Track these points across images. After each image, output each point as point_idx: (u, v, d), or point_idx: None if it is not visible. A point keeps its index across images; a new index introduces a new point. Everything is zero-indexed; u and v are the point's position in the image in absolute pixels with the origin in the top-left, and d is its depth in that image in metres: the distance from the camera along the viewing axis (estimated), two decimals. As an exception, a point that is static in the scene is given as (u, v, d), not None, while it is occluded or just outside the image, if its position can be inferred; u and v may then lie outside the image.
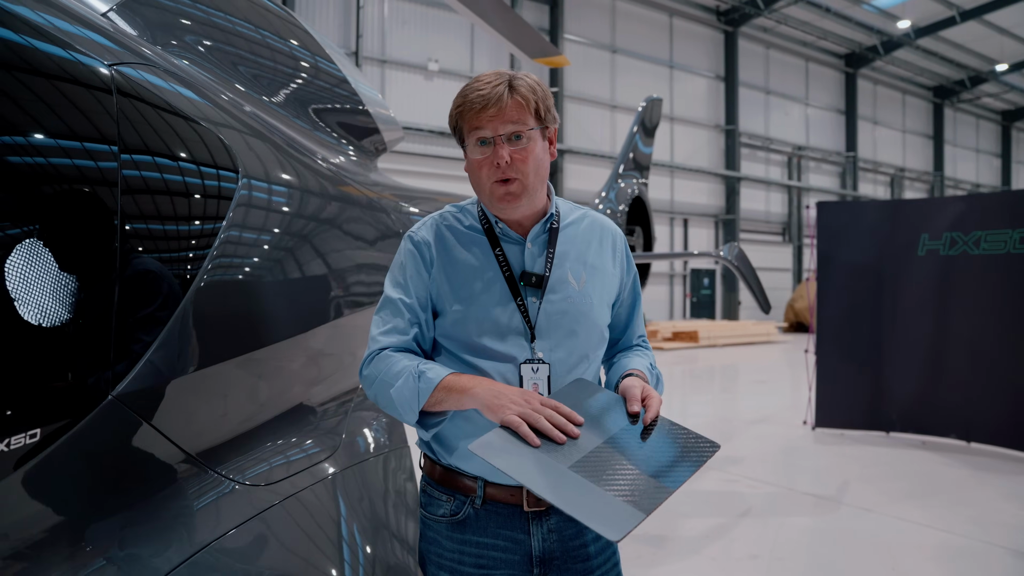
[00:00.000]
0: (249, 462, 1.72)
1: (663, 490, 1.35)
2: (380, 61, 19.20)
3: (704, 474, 6.08)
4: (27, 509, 1.23)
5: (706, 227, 25.93)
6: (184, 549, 1.43)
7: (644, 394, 1.51)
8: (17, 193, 1.24)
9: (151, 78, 1.60)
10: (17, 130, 1.27)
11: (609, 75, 23.14)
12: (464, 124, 1.54)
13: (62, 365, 1.29)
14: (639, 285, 1.80)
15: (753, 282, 5.50)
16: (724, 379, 13.42)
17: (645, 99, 7.75)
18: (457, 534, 1.58)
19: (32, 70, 1.33)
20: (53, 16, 1.44)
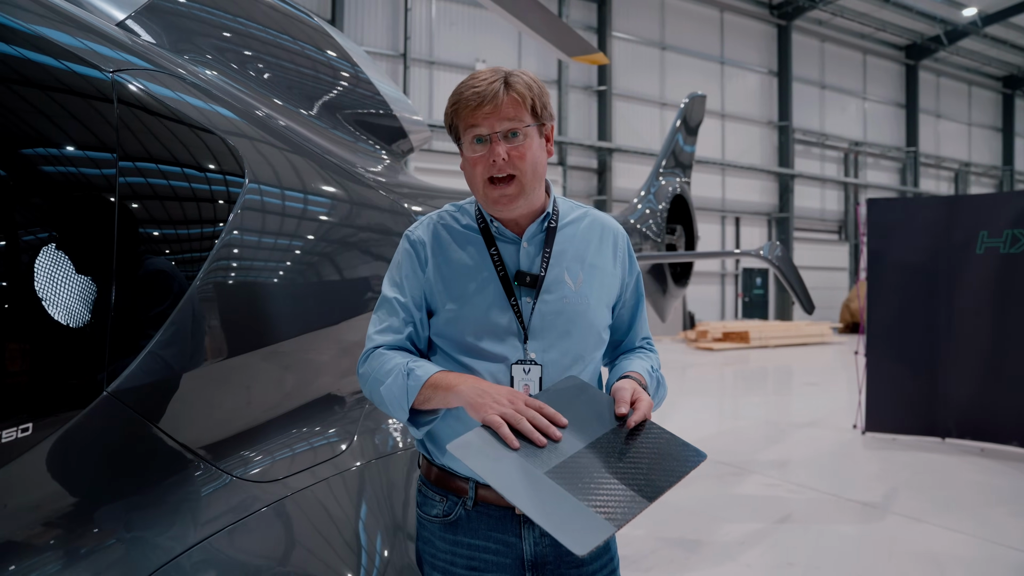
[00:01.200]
0: (254, 459, 1.75)
1: (639, 503, 1.30)
2: (428, 62, 19.37)
3: (744, 477, 5.95)
4: (19, 501, 1.27)
5: (758, 226, 25.37)
6: (180, 543, 1.45)
7: (634, 397, 1.47)
8: (15, 195, 1.28)
9: (152, 85, 1.63)
10: (16, 136, 1.31)
11: (658, 72, 22.86)
12: (460, 122, 1.53)
13: (57, 363, 1.32)
14: (642, 286, 1.76)
15: (795, 282, 5.34)
16: (773, 381, 13.11)
17: (688, 96, 7.62)
18: (450, 535, 1.57)
19: (31, 78, 1.37)
20: (53, 25, 1.48)
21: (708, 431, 7.94)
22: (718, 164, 23.87)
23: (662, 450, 1.41)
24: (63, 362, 1.33)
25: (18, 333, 1.26)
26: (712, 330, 18.81)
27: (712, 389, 11.61)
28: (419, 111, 15.33)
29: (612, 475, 1.34)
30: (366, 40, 18.49)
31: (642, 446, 1.41)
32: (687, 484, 5.04)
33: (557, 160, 21.16)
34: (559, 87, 21.12)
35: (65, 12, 1.61)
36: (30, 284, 1.27)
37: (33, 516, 1.29)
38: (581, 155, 21.74)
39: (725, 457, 6.64)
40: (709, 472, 6.13)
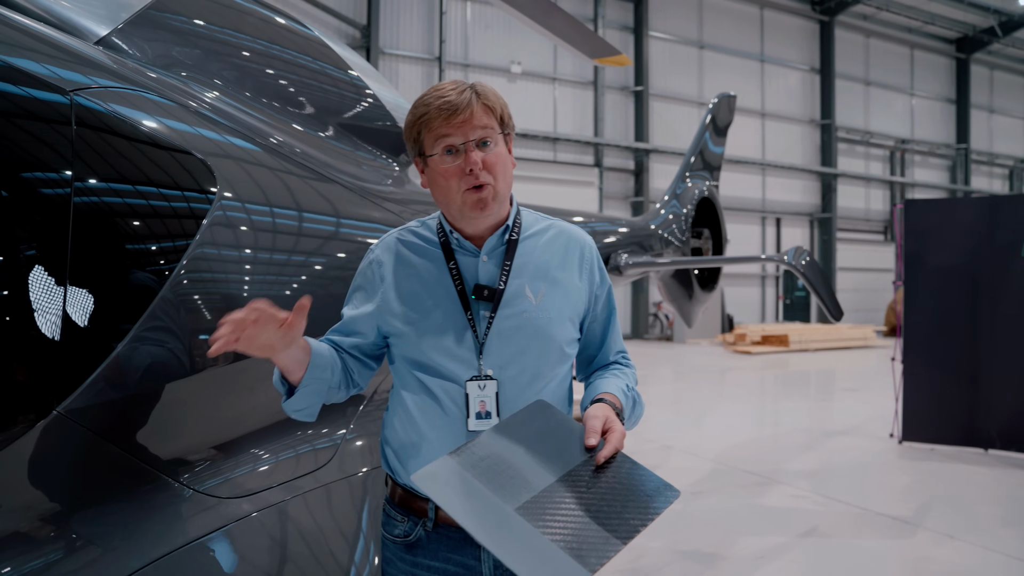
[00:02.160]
0: (221, 475, 1.74)
1: (612, 544, 1.24)
2: (463, 65, 19.45)
3: (770, 488, 5.80)
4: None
5: (800, 226, 24.83)
6: (138, 560, 1.45)
7: (606, 426, 1.41)
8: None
9: (113, 104, 1.63)
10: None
11: (696, 72, 22.55)
12: (428, 134, 1.49)
13: (8, 385, 1.32)
14: (613, 298, 1.70)
15: (822, 289, 5.18)
16: (810, 386, 12.79)
17: (717, 95, 7.47)
18: (410, 556, 1.55)
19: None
20: (13, 47, 1.49)
21: (738, 438, 7.77)
22: (758, 164, 23.43)
23: (635, 487, 1.35)
24: (10, 382, 1.33)
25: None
26: (750, 333, 18.46)
27: (746, 394, 11.37)
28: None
29: (585, 513, 1.28)
30: (401, 44, 18.65)
31: (614, 481, 1.35)
32: (709, 494, 4.93)
33: (593, 162, 21.06)
34: (595, 88, 21.00)
35: (31, 32, 1.62)
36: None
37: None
38: (618, 156, 21.57)
39: (752, 466, 6.48)
40: (734, 482, 5.99)
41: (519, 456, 1.36)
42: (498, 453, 1.36)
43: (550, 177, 20.17)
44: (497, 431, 1.41)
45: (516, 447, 1.37)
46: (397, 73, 18.60)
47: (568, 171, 20.66)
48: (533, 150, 20.21)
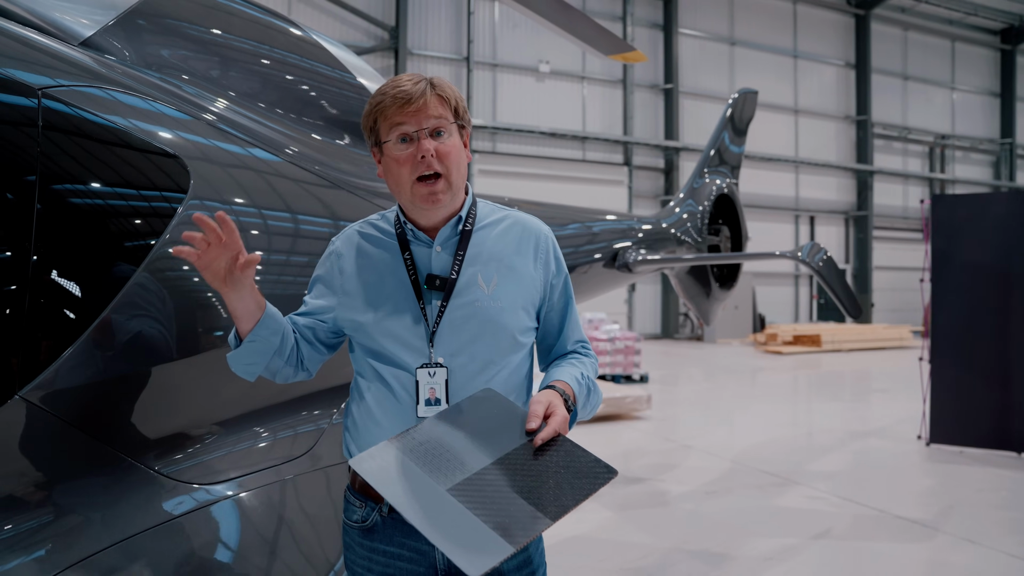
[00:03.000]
0: (191, 461, 1.78)
1: (541, 521, 1.27)
2: (491, 65, 19.50)
3: (787, 489, 5.70)
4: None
5: (835, 224, 24.36)
6: (96, 542, 1.49)
7: (548, 411, 1.44)
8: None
9: (83, 102, 1.68)
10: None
11: (728, 69, 22.27)
12: (383, 122, 1.54)
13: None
14: (570, 288, 1.71)
15: (838, 287, 5.07)
16: (841, 387, 12.53)
17: (738, 91, 7.37)
18: (367, 541, 1.57)
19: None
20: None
21: (760, 439, 7.65)
22: (791, 161, 23.06)
23: (571, 466, 1.37)
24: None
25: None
26: (782, 333, 18.17)
27: (774, 395, 11.20)
28: (483, 113, 15.48)
29: (516, 493, 1.31)
30: (429, 45, 18.77)
31: (550, 462, 1.38)
32: (723, 494, 4.88)
33: (623, 160, 20.95)
34: (624, 86, 20.88)
35: (7, 31, 1.68)
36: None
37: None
38: (647, 155, 21.42)
39: (771, 467, 6.38)
40: (750, 482, 5.91)
41: (459, 440, 1.39)
42: (438, 438, 1.40)
43: (579, 176, 20.11)
44: (440, 417, 1.44)
45: (457, 432, 1.41)
46: (425, 73, 18.63)
47: (597, 170, 20.57)
48: (561, 149, 20.18)
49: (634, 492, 5.67)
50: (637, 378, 12.01)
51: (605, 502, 5.36)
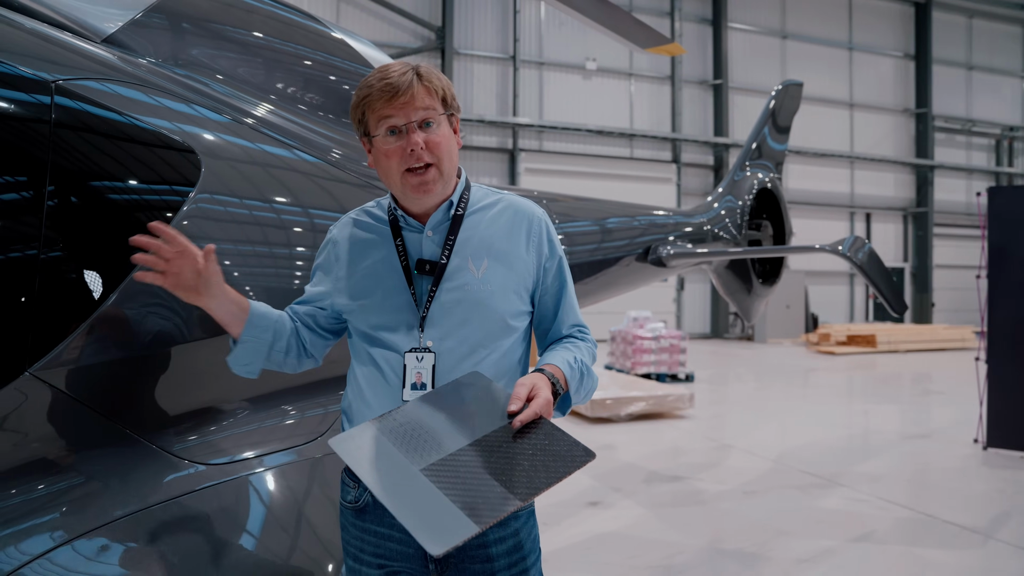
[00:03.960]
0: (200, 441, 1.82)
1: (510, 501, 1.27)
2: (538, 64, 19.49)
3: (829, 490, 5.54)
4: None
5: (893, 222, 23.56)
6: (103, 516, 1.54)
7: (531, 394, 1.43)
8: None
9: (94, 95, 1.73)
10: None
11: (779, 63, 21.77)
12: (371, 115, 1.53)
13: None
14: (566, 271, 1.68)
15: (882, 282, 4.89)
16: (895, 388, 12.11)
17: (781, 82, 7.19)
18: (359, 521, 1.59)
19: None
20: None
21: (804, 439, 7.46)
22: (846, 157, 22.40)
23: (548, 449, 1.37)
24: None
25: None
26: (835, 333, 17.67)
27: (824, 396, 10.89)
28: (530, 112, 15.48)
29: (489, 473, 1.32)
30: (475, 44, 18.86)
31: (527, 444, 1.37)
32: (762, 494, 4.78)
33: (671, 158, 20.69)
34: (672, 82, 20.61)
35: (18, 26, 1.74)
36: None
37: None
38: (696, 152, 21.10)
39: (814, 468, 6.21)
40: (790, 483, 5.76)
41: (439, 422, 1.40)
42: (418, 419, 1.40)
43: (626, 174, 19.94)
44: (424, 399, 1.45)
45: (438, 414, 1.41)
46: (472, 73, 18.83)
47: (645, 167, 20.36)
48: (609, 147, 20.04)
49: (670, 490, 5.59)
50: (683, 377, 11.85)
51: (640, 499, 5.30)
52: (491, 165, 19.10)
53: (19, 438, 1.51)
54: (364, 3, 17.58)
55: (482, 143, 18.92)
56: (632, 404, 8.35)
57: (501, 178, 19.04)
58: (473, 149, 18.80)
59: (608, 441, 7.32)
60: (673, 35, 20.28)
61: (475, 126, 18.68)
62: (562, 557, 4.16)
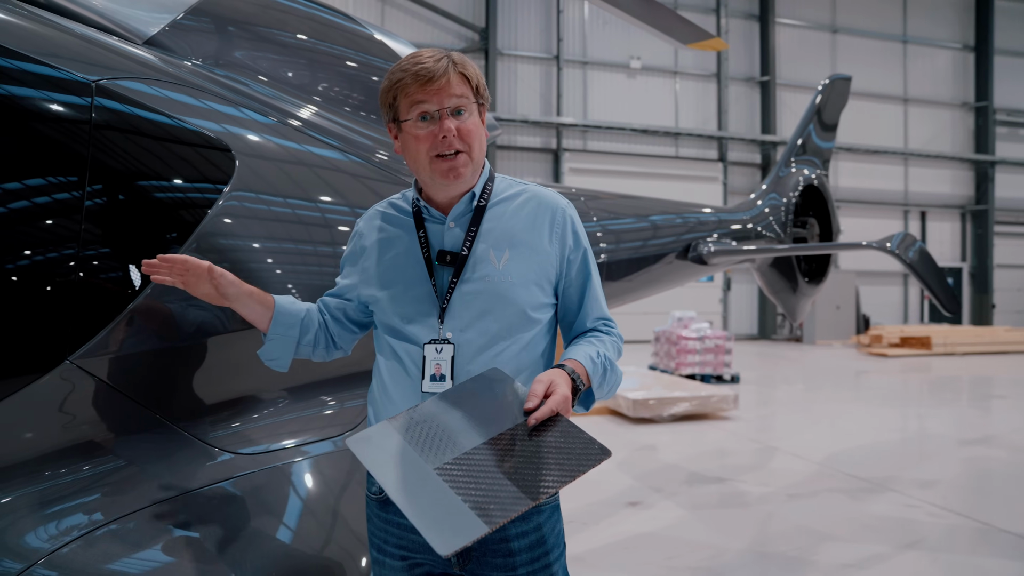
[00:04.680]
0: (234, 430, 1.86)
1: (521, 502, 1.25)
2: (581, 63, 19.42)
3: (879, 495, 5.38)
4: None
5: (950, 220, 22.76)
6: (139, 501, 1.58)
7: (549, 390, 1.41)
8: None
9: (132, 95, 1.79)
10: (3, 134, 1.50)
11: (829, 58, 21.25)
12: (403, 99, 1.52)
13: (21, 337, 1.50)
14: (590, 263, 1.66)
15: (933, 281, 4.73)
16: (952, 391, 11.68)
17: (828, 77, 7.01)
18: (383, 513, 1.60)
19: (6, 81, 1.56)
20: (39, 35, 1.67)
21: (853, 443, 7.26)
22: (899, 153, 21.74)
23: (563, 447, 1.34)
24: (26, 334, 1.50)
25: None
26: (887, 334, 17.15)
27: (875, 398, 10.56)
28: (574, 112, 15.45)
29: (502, 473, 1.30)
30: (519, 45, 18.88)
31: (542, 442, 1.35)
32: (807, 497, 4.65)
33: (717, 156, 20.39)
34: (718, 80, 20.31)
35: (66, 30, 1.81)
36: (5, 273, 1.45)
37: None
38: (743, 150, 20.75)
39: (862, 471, 6.04)
40: (837, 487, 5.61)
41: (456, 420, 1.39)
42: (435, 417, 1.40)
43: (672, 173, 19.73)
44: (442, 397, 1.44)
45: (456, 411, 1.40)
46: (516, 73, 18.86)
47: (690, 166, 20.11)
48: (654, 146, 19.85)
49: (711, 492, 5.50)
50: (728, 378, 11.66)
51: (680, 500, 5.23)
52: (535, 165, 19.09)
53: (59, 423, 1.57)
54: (408, 5, 17.76)
55: (526, 143, 18.93)
56: (675, 405, 8.25)
57: (545, 178, 19.01)
58: (517, 149, 18.83)
59: (650, 442, 7.24)
60: (719, 32, 19.99)
61: (519, 126, 18.71)
62: (599, 556, 4.13)
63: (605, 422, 8.29)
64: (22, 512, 1.45)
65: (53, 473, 1.53)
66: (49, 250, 1.57)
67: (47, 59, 1.66)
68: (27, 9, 1.86)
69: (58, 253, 1.57)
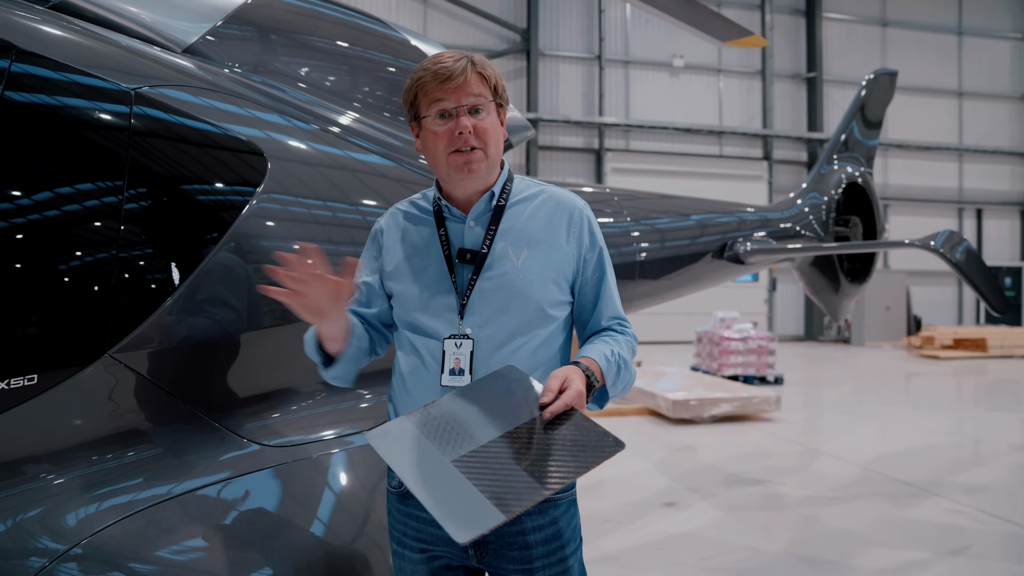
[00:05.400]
0: (263, 423, 1.93)
1: (536, 492, 1.28)
2: (624, 62, 19.33)
3: (923, 500, 5.24)
4: (23, 440, 1.54)
5: (1008, 217, 21.93)
6: (167, 490, 1.66)
7: (564, 385, 1.44)
8: (35, 187, 1.57)
9: (173, 100, 1.87)
10: (50, 140, 1.60)
11: (879, 52, 20.69)
12: (423, 97, 1.58)
13: (64, 332, 1.59)
14: (606, 263, 1.68)
15: (980, 280, 4.60)
16: (1008, 395, 11.25)
17: (873, 72, 6.85)
18: (402, 506, 1.64)
19: (53, 91, 1.66)
20: (78, 45, 1.77)
21: (898, 446, 7.08)
22: (953, 149, 21.06)
23: (578, 439, 1.37)
24: (69, 329, 1.59)
25: (35, 304, 1.54)
26: (940, 336, 16.62)
27: (923, 401, 10.26)
28: (616, 111, 15.37)
29: (518, 464, 1.33)
30: (561, 45, 18.88)
31: (557, 435, 1.38)
32: (848, 501, 4.56)
33: (762, 155, 20.07)
34: (763, 77, 19.98)
35: (110, 41, 1.91)
36: (44, 268, 1.54)
37: (35, 450, 1.56)
38: (789, 148, 20.37)
39: (907, 475, 5.89)
40: (880, 490, 5.48)
41: (472, 414, 1.42)
42: (453, 412, 1.44)
43: (716, 172, 19.49)
44: (459, 392, 1.48)
45: (472, 406, 1.44)
46: (557, 74, 18.86)
47: (735, 165, 19.84)
48: (697, 145, 19.64)
49: (749, 493, 5.43)
50: (772, 380, 11.46)
51: (717, 502, 5.19)
52: (577, 165, 19.06)
53: (98, 414, 1.66)
54: (449, 8, 17.91)
55: (568, 143, 18.91)
56: (716, 406, 8.16)
57: (587, 178, 18.97)
58: (559, 150, 18.82)
59: (689, 442, 7.18)
60: (764, 28, 19.66)
61: (561, 127, 18.70)
62: (632, 556, 4.13)
63: (644, 423, 8.25)
64: (62, 497, 1.54)
65: (90, 459, 1.62)
66: (90, 252, 1.65)
67: (91, 69, 1.75)
68: (78, 24, 1.97)
69: (99, 256, 1.66)
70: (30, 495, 1.51)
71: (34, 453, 1.57)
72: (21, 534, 1.46)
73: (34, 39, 1.73)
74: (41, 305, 1.57)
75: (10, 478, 1.51)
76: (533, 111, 18.24)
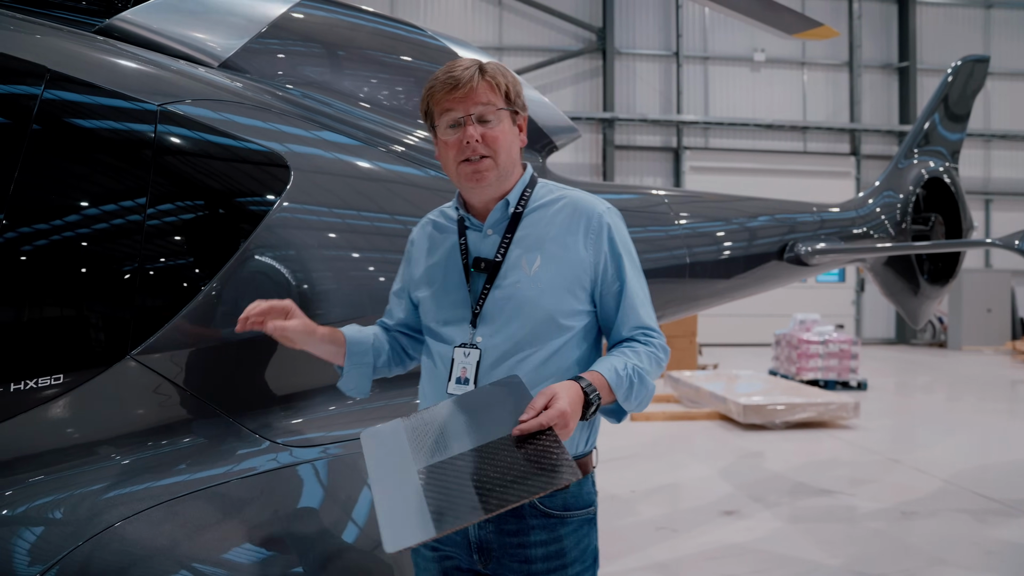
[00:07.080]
0: (283, 424, 2.00)
1: (474, 513, 1.27)
2: (702, 58, 18.92)
3: (1006, 519, 4.88)
4: (48, 437, 1.66)
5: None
6: (185, 487, 1.75)
7: (549, 403, 1.38)
8: (66, 196, 1.69)
9: (200, 115, 1.97)
10: (80, 156, 1.72)
11: (981, 37, 19.39)
12: (435, 107, 1.60)
13: (87, 336, 1.70)
14: (627, 270, 1.62)
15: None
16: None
17: (960, 59, 6.44)
18: None
19: (82, 111, 1.77)
20: (115, 65, 1.89)
21: (989, 459, 6.63)
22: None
23: (535, 463, 1.31)
24: (92, 332, 1.70)
25: (57, 308, 1.65)
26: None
27: (976, 413, 9.44)
28: (695, 109, 15.09)
29: (471, 481, 1.32)
30: (637, 43, 18.64)
31: (518, 456, 1.33)
32: (924, 516, 4.31)
33: (849, 150, 19.21)
34: (850, 68, 19.12)
35: (144, 59, 2.03)
36: (67, 274, 1.66)
37: (59, 445, 1.67)
38: (879, 142, 19.41)
39: (994, 492, 5.50)
40: (961, 506, 5.15)
41: (457, 425, 1.42)
42: (441, 420, 1.44)
43: (799, 169, 18.80)
44: (455, 401, 1.48)
45: (461, 416, 1.43)
46: (635, 72, 18.63)
47: (820, 161, 19.07)
48: (780, 141, 18.98)
49: (815, 504, 5.21)
50: (854, 385, 10.94)
51: (779, 512, 5.00)
52: (655, 164, 18.76)
53: (120, 412, 1.76)
54: (525, 9, 17.97)
55: (645, 143, 18.65)
56: (789, 411, 7.86)
57: (665, 177, 18.65)
58: (636, 149, 18.58)
59: (758, 449, 6.95)
60: (852, 17, 18.82)
61: (638, 126, 18.46)
62: (682, 565, 4.03)
63: (714, 427, 8.05)
64: (84, 490, 1.64)
65: (110, 456, 1.72)
66: (114, 261, 1.76)
67: (118, 88, 1.87)
68: (113, 44, 2.10)
69: (122, 265, 1.76)
70: (51, 486, 1.62)
71: (57, 447, 1.68)
72: (42, 524, 1.57)
73: (72, 62, 1.85)
74: (69, 311, 1.68)
75: (34, 471, 1.63)
76: (609, 110, 18.07)
